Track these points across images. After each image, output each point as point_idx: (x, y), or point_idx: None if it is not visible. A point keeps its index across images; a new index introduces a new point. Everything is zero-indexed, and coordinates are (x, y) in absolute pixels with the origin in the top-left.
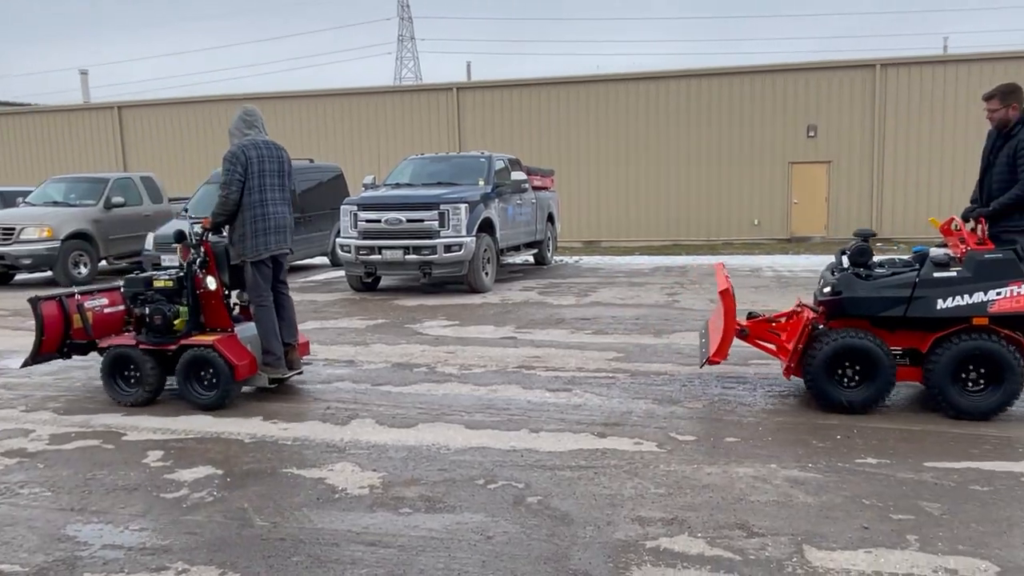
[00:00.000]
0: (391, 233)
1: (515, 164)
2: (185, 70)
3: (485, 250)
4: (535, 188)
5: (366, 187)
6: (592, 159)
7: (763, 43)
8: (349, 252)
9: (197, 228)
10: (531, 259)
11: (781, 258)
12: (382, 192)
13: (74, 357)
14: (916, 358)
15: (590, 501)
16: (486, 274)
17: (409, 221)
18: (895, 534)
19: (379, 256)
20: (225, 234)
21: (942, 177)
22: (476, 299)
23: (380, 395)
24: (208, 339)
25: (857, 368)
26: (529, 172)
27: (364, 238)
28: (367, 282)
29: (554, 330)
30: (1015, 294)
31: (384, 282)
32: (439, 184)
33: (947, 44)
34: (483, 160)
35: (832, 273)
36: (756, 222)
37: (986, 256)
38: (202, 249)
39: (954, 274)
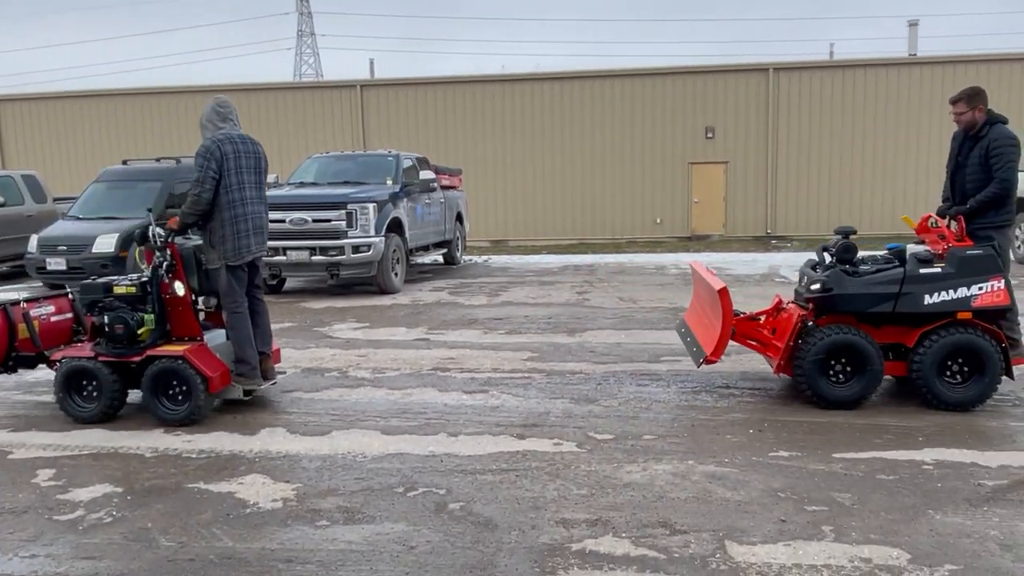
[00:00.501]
0: (296, 233)
1: (423, 163)
2: (69, 63)
3: (394, 250)
4: (443, 187)
5: (269, 186)
6: (499, 158)
7: (664, 46)
8: None
9: (159, 230)
10: (440, 259)
11: (684, 256)
12: (286, 191)
13: (20, 371)
14: (898, 353)
15: (513, 505)
16: (395, 275)
17: (315, 221)
18: (811, 526)
19: (284, 257)
20: (191, 235)
21: (831, 177)
22: (386, 300)
23: (290, 402)
24: (178, 349)
25: (847, 364)
26: (437, 171)
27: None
28: (272, 284)
29: (467, 331)
30: (995, 289)
31: (289, 284)
32: (346, 183)
33: (833, 50)
34: (391, 158)
35: (814, 270)
36: (658, 220)
37: (968, 252)
38: (168, 252)
39: (939, 270)
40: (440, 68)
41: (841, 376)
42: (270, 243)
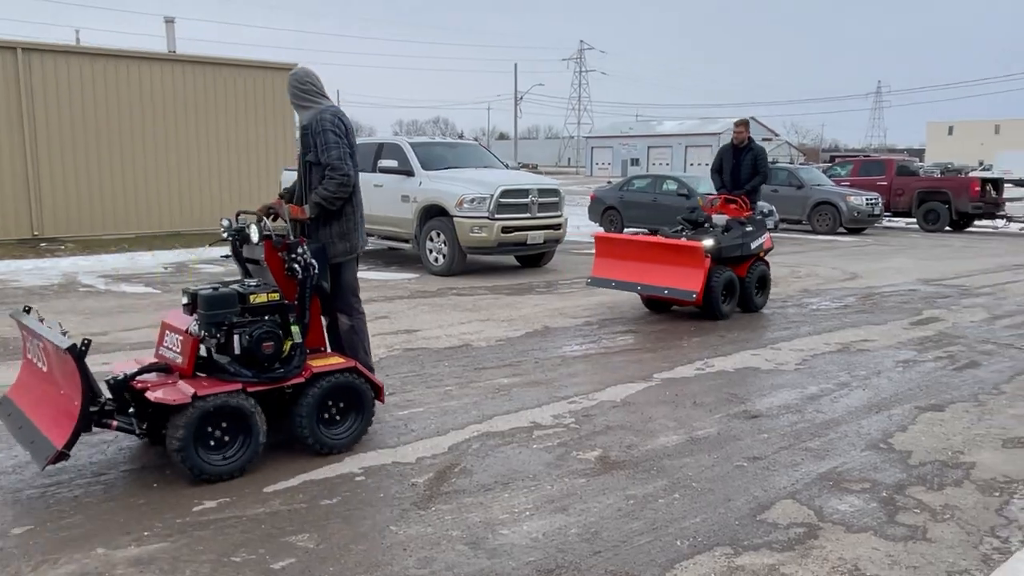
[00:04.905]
0: None
1: None
2: None
3: None
4: None
5: None
6: None
7: None
8: None
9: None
10: None
11: None
12: None
13: None
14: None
15: None
16: None
17: None
18: None
19: None
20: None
21: (101, 172)
22: None
23: None
24: (342, 361)
25: (727, 291)
26: None
27: None
28: None
29: None
30: (769, 238)
31: None
32: None
33: (79, 37)
34: None
35: (682, 231)
36: None
37: (757, 216)
38: (305, 248)
39: (751, 228)
40: None
41: (722, 299)
42: None
